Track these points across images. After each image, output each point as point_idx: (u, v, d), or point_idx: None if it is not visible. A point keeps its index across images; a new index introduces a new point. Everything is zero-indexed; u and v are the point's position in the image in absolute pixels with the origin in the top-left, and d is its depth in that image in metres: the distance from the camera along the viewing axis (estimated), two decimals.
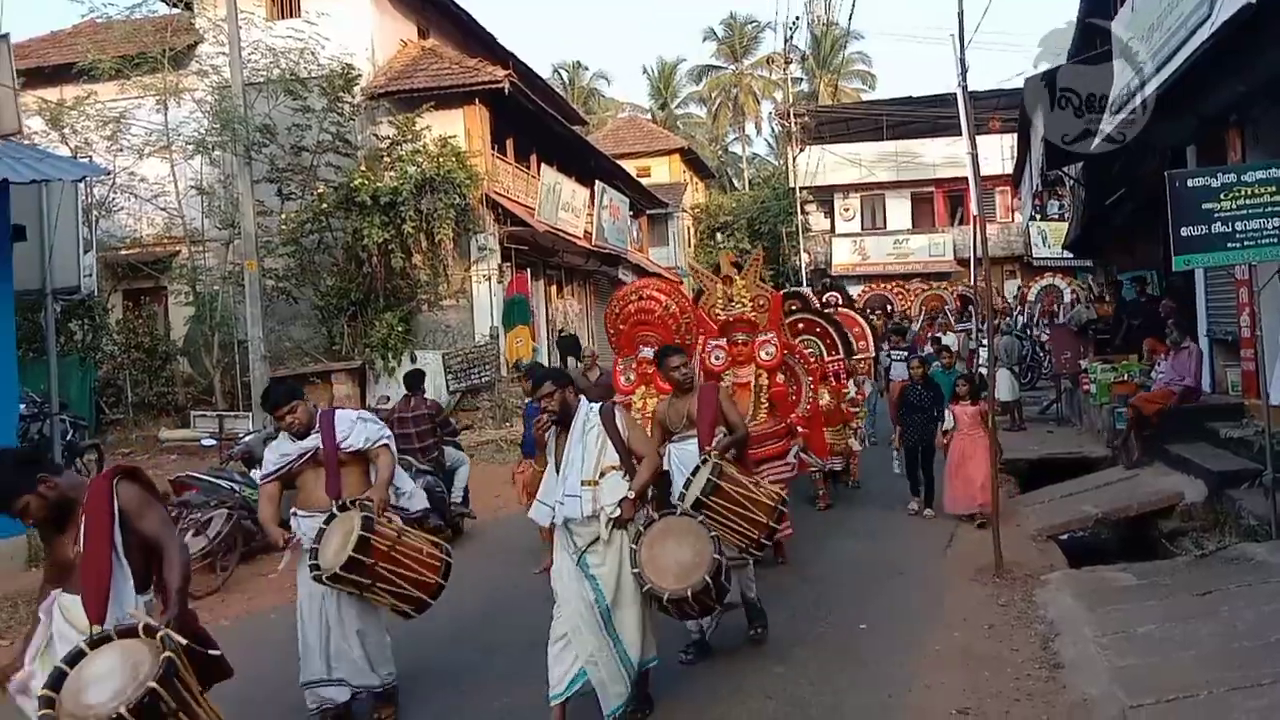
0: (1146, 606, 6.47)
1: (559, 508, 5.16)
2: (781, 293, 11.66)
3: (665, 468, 6.12)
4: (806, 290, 12.99)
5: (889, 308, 31.85)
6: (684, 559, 5.11)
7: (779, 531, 5.96)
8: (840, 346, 11.13)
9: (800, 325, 10.93)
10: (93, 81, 17.69)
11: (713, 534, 5.24)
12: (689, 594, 5.01)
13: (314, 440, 5.41)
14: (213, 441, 12.45)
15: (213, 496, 8.99)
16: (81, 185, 11.18)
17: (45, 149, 13.20)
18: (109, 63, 17.49)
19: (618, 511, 5.12)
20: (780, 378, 8.27)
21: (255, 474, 9.68)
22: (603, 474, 5.14)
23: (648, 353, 7.78)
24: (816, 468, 9.97)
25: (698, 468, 5.95)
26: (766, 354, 8.15)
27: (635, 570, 5.06)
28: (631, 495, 5.14)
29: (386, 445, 5.55)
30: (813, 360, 10.52)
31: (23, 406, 9.93)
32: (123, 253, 19.41)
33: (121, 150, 17.74)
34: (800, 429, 8.40)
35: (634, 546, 5.11)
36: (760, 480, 6.22)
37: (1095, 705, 5.02)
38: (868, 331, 13.34)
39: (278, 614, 7.78)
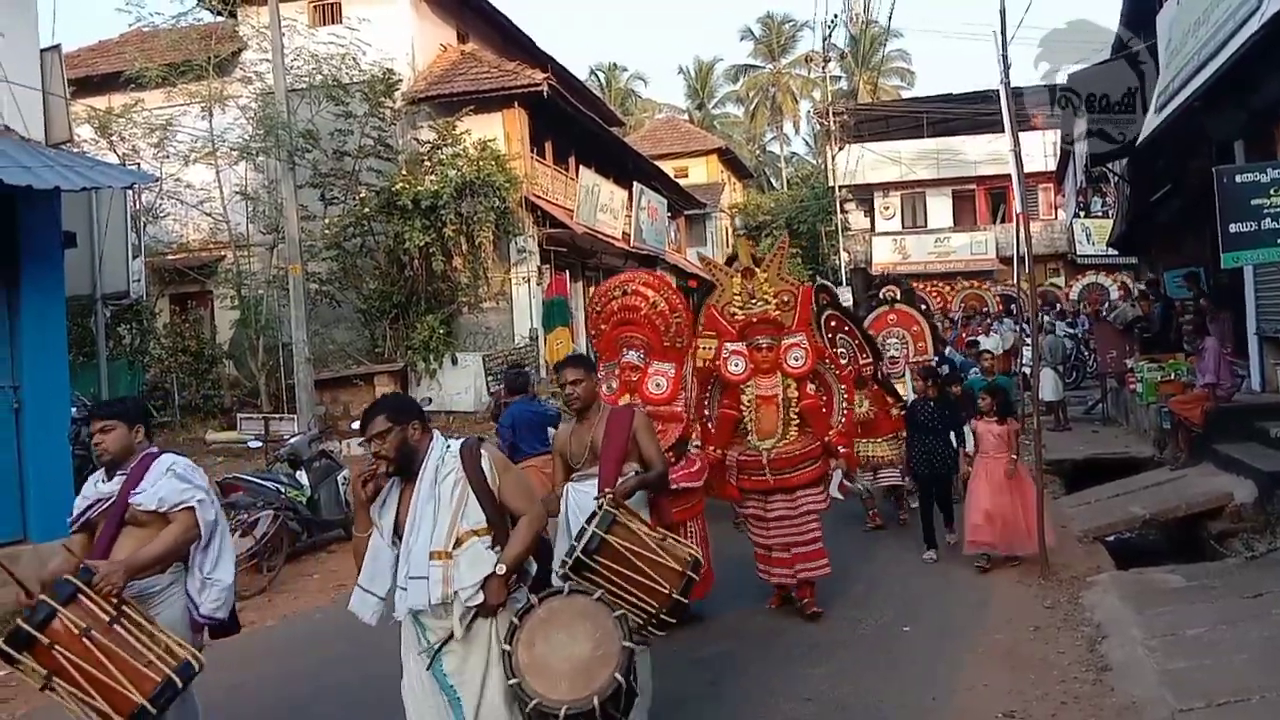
0: (1195, 609, 6.37)
1: (400, 594, 3.76)
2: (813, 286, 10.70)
3: (561, 517, 5.06)
4: (831, 287, 12.05)
5: (924, 307, 30.96)
6: (580, 655, 3.72)
7: (683, 606, 4.26)
8: (869, 349, 9.91)
9: (831, 323, 9.77)
10: (140, 89, 18.01)
11: (616, 614, 3.82)
12: (596, 705, 3.60)
13: (117, 484, 4.22)
14: (258, 443, 12.65)
15: (259, 498, 9.12)
16: (130, 192, 11.39)
17: (95, 157, 13.45)
18: (155, 71, 17.79)
19: (479, 596, 3.72)
20: (811, 387, 7.04)
21: (301, 476, 9.84)
22: (459, 542, 3.74)
23: (632, 357, 6.87)
24: (861, 492, 9.32)
25: (593, 514, 4.43)
26: (795, 360, 6.92)
27: (513, 681, 3.64)
28: (500, 571, 3.73)
29: (190, 511, 4.14)
30: (845, 364, 9.28)
31: (74, 409, 10.12)
32: (169, 258, 19.74)
33: (168, 157, 18.05)
34: (841, 448, 7.04)
35: (507, 648, 3.70)
36: (669, 537, 4.47)
37: (1143, 709, 4.95)
38: (928, 332, 11.56)
39: (322, 614, 7.88)
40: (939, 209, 36.41)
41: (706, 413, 7.17)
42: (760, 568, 7.09)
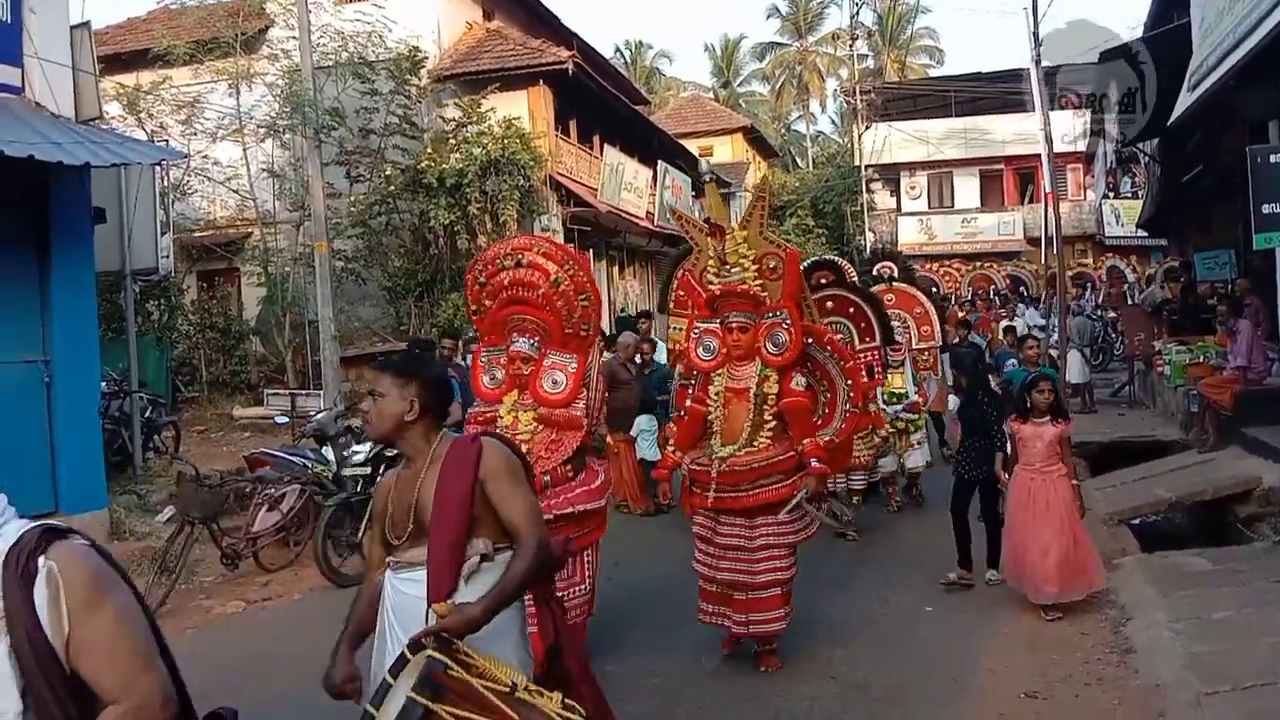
0: (1222, 592, 6.34)
1: None
2: (809, 260, 9.40)
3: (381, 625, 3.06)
4: (841, 261, 10.17)
5: (935, 289, 29.45)
6: None
7: None
8: (878, 332, 8.61)
9: (830, 303, 8.40)
10: (167, 67, 18.07)
11: None
12: None
13: None
14: (285, 419, 12.75)
15: (286, 473, 9.20)
16: (158, 169, 11.46)
17: (123, 133, 13.53)
18: (183, 48, 17.85)
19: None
20: (799, 381, 5.53)
21: (327, 451, 9.94)
22: None
23: (523, 345, 5.45)
24: (835, 521, 7.50)
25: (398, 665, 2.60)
26: (775, 344, 5.47)
27: None
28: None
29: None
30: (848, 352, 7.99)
31: (104, 385, 10.24)
32: (197, 234, 19.85)
33: (195, 134, 18.12)
34: (815, 461, 5.37)
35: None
36: (532, 697, 2.61)
37: (1168, 691, 4.94)
38: (933, 314, 10.41)
39: (352, 588, 7.97)
40: (966, 189, 36.08)
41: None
42: (702, 606, 5.73)
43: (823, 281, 8.78)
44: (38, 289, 8.55)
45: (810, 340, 5.71)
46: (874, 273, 10.70)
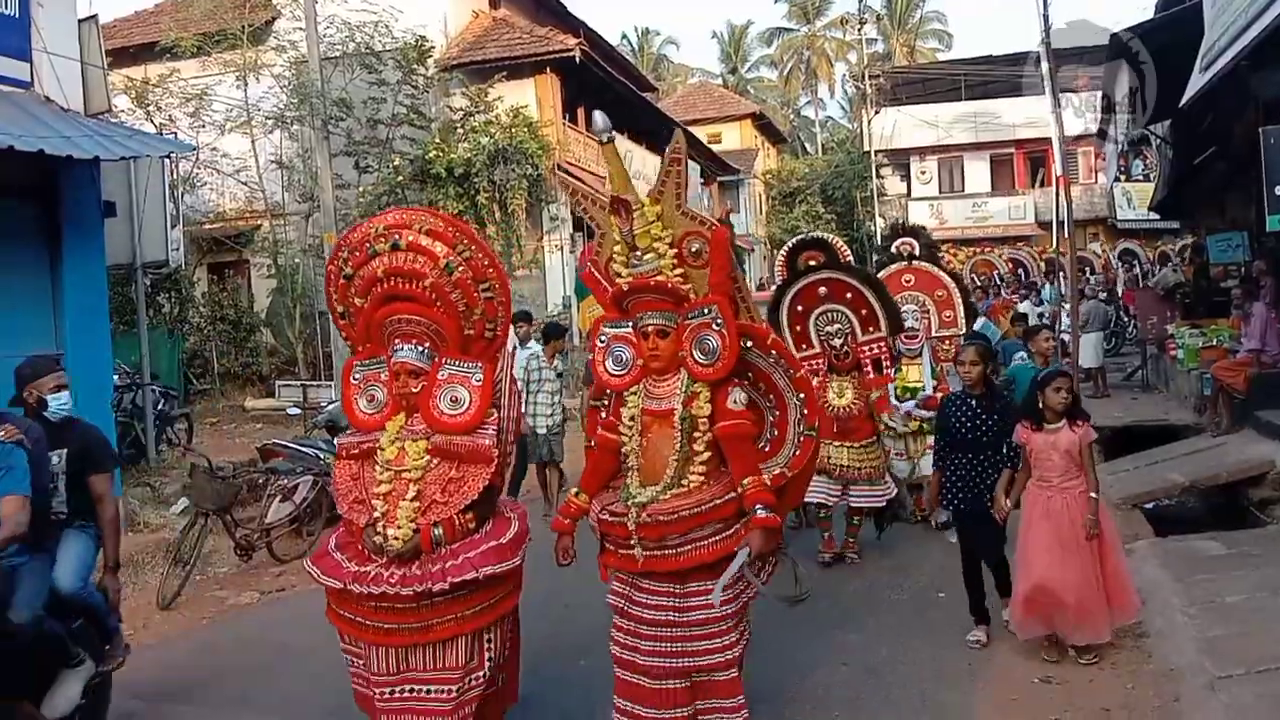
0: (1236, 576, 6.31)
1: None
2: (794, 239, 8.51)
3: None
4: (832, 238, 8.70)
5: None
6: None
7: None
8: (883, 320, 7.33)
9: (822, 290, 7.30)
10: (175, 59, 18.11)
11: None
12: None
13: None
14: (297, 410, 12.80)
15: (299, 463, 9.23)
16: (167, 161, 11.49)
17: (132, 126, 13.56)
18: (191, 40, 17.89)
19: None
20: (738, 398, 4.15)
21: (338, 441, 9.97)
22: None
23: (408, 354, 4.14)
24: (794, 588, 4.62)
25: None
26: (704, 351, 4.11)
27: None
28: None
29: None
30: (824, 353, 7.34)
31: (116, 377, 10.29)
32: (207, 227, 19.92)
33: (204, 126, 18.17)
34: (761, 509, 3.96)
35: None
36: None
37: (1182, 675, 4.93)
38: (956, 297, 8.89)
39: None
40: (976, 173, 35.95)
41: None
42: (620, 705, 4.26)
43: (811, 263, 7.60)
44: (49, 283, 8.58)
45: (749, 344, 4.22)
46: (893, 250, 9.39)
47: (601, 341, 4.43)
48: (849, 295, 7.26)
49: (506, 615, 4.25)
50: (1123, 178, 28.56)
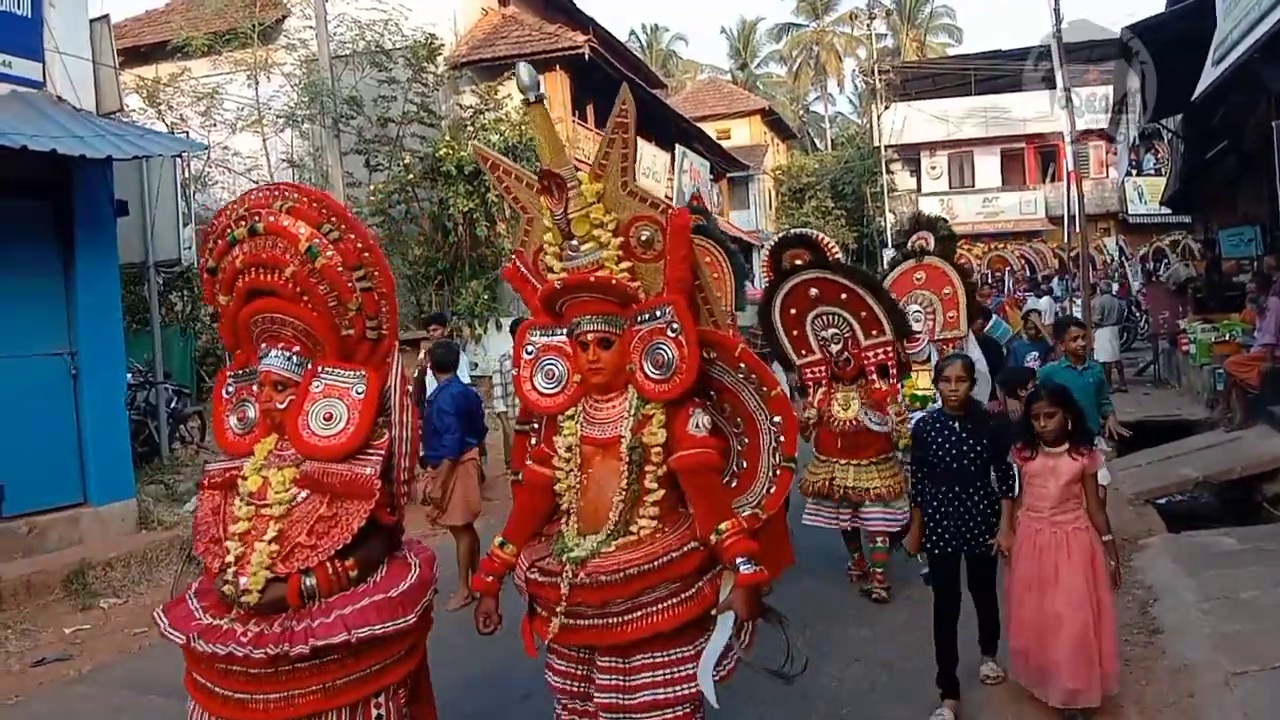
0: (1250, 572, 6.29)
1: None
2: (778, 238, 7.78)
3: None
4: (817, 234, 8.16)
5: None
6: None
7: None
8: (885, 324, 6.43)
9: (813, 291, 6.45)
10: (186, 58, 18.18)
11: None
12: None
13: None
14: None
15: None
16: (179, 160, 11.54)
17: (144, 126, 13.61)
18: (201, 39, 17.95)
19: None
20: (700, 421, 3.32)
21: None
22: None
23: (275, 361, 3.41)
24: (786, 659, 3.47)
25: None
26: (658, 365, 3.31)
27: None
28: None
29: None
30: (815, 361, 6.61)
31: (129, 376, 10.34)
32: None
33: (215, 125, 18.22)
34: (744, 562, 3.18)
35: None
36: None
37: (1196, 671, 4.91)
38: (962, 298, 7.86)
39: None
40: (987, 168, 35.87)
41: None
42: None
43: (798, 262, 6.87)
44: (62, 282, 8.62)
45: (713, 355, 3.40)
46: (908, 246, 8.53)
47: (529, 352, 3.56)
48: (844, 296, 6.44)
49: (399, 684, 3.36)
50: (1134, 172, 28.46)
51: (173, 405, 11.69)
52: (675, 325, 3.26)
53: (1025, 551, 4.63)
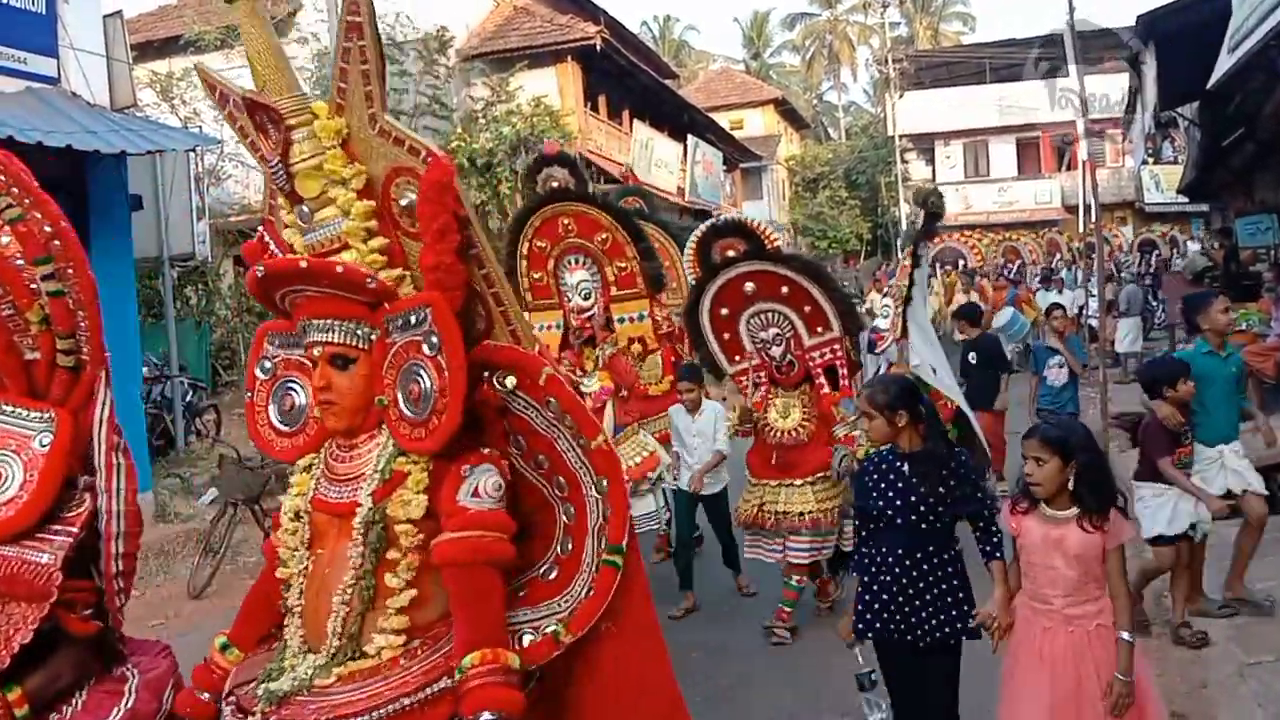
0: (1265, 561, 6.23)
1: None
2: (704, 227, 6.89)
3: None
4: (757, 221, 7.31)
5: (962, 263, 25.89)
6: None
7: None
8: (832, 318, 5.66)
9: (748, 286, 5.69)
10: (199, 53, 18.19)
11: None
12: None
13: None
14: None
15: None
16: (193, 155, 11.58)
17: (158, 120, 13.67)
18: (214, 34, 18.02)
19: None
20: (480, 484, 2.20)
21: None
22: None
23: None
24: None
25: None
26: (410, 402, 2.19)
27: None
28: None
29: None
30: (764, 363, 5.78)
31: (145, 370, 10.40)
32: (233, 219, 20.01)
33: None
34: (487, 716, 2.01)
35: None
36: None
37: (1211, 662, 4.90)
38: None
39: None
40: (1002, 157, 35.70)
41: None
42: None
43: (730, 254, 6.09)
44: None
45: (510, 383, 2.31)
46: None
47: (264, 370, 2.53)
48: (785, 290, 5.63)
49: None
50: (1151, 160, 28.28)
51: (188, 398, 11.76)
52: (434, 338, 2.16)
53: (1028, 660, 3.29)
